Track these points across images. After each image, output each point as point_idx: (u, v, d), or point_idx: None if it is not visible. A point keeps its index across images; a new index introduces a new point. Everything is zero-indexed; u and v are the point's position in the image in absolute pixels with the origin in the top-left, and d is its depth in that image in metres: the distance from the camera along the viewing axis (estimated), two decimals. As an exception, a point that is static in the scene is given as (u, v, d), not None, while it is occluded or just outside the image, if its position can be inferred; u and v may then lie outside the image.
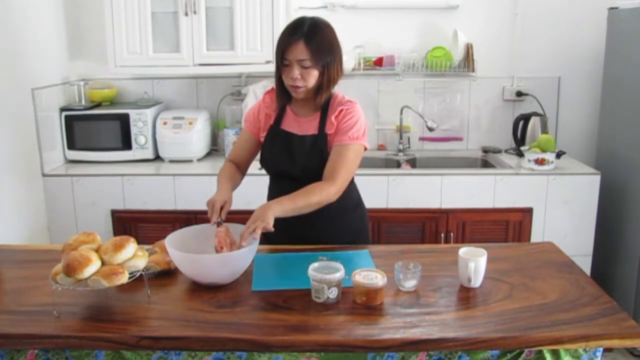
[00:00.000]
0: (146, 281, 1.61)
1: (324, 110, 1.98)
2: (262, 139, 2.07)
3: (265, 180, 2.14)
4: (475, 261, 1.64)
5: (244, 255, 1.67)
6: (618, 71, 3.08)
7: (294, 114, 2.02)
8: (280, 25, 3.02)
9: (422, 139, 3.50)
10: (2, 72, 2.62)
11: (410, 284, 1.65)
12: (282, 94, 1.99)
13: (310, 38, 1.85)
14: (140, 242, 1.67)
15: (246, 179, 2.91)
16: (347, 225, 2.05)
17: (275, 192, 2.03)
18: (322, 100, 1.96)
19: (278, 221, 2.00)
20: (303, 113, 2.01)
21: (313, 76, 1.88)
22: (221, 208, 1.86)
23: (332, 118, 1.94)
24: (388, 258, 1.84)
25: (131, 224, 2.96)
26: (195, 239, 1.80)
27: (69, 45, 3.26)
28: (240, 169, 2.13)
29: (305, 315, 1.52)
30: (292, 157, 1.98)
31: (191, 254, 1.71)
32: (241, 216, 2.50)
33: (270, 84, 3.19)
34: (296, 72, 1.86)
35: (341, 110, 1.95)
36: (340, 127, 1.94)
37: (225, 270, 1.66)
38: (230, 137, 3.22)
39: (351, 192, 2.11)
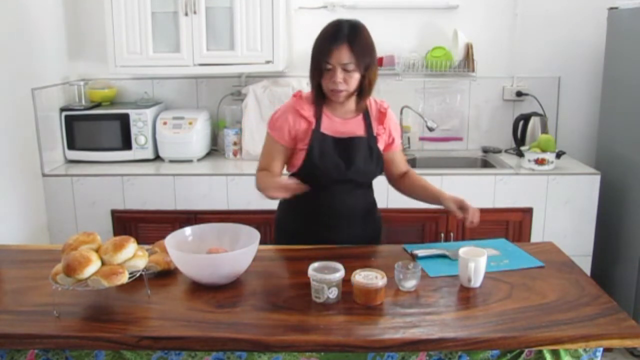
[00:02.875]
0: (146, 281, 1.61)
1: (365, 111, 2.01)
2: (301, 147, 1.96)
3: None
4: (475, 261, 1.64)
5: (243, 255, 1.67)
6: (618, 71, 3.08)
7: (333, 115, 1.99)
8: (281, 25, 3.02)
9: (422, 139, 3.50)
10: (2, 72, 2.62)
11: (410, 284, 1.65)
12: (320, 98, 1.96)
13: (353, 41, 1.85)
14: (140, 242, 1.67)
15: (246, 178, 2.93)
16: (366, 227, 2.05)
17: (328, 199, 1.96)
18: (364, 103, 1.99)
19: (299, 224, 2.00)
20: (340, 114, 1.99)
21: (355, 79, 1.88)
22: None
23: (385, 124, 2.03)
24: (388, 258, 1.84)
25: (131, 224, 2.96)
26: (195, 239, 1.80)
27: (69, 45, 3.26)
28: None
29: (305, 315, 1.52)
30: (350, 161, 1.95)
31: (191, 254, 1.71)
32: (242, 216, 2.50)
33: (270, 83, 3.21)
34: (339, 76, 1.85)
35: (386, 114, 2.04)
36: (392, 128, 2.07)
37: (225, 270, 1.66)
38: (230, 137, 3.21)
39: (373, 195, 2.14)
